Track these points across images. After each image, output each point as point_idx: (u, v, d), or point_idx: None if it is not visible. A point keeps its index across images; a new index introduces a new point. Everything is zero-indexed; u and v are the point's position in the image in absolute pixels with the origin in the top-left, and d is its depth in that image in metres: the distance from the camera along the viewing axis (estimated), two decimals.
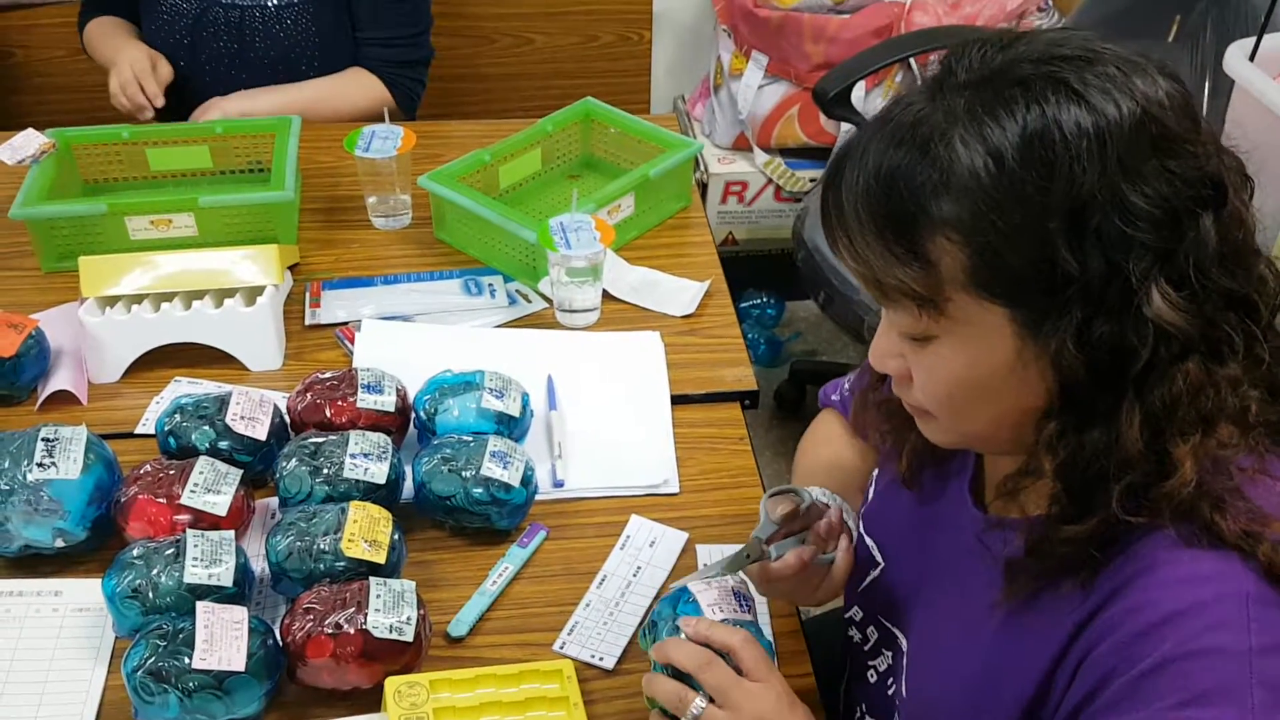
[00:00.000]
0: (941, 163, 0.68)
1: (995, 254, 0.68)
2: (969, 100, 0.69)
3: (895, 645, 0.94)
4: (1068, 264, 0.66)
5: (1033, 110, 0.67)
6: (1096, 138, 0.66)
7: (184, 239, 1.48)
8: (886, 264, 0.71)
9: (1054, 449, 0.72)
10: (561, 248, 1.33)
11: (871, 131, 0.72)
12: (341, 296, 1.45)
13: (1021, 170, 0.66)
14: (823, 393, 1.19)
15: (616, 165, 1.68)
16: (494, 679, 0.98)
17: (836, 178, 0.74)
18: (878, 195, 0.70)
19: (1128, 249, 0.66)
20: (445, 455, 1.11)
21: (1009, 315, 0.70)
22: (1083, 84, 0.67)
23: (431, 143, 1.69)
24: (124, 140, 1.59)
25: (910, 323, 0.74)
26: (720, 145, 2.54)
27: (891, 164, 0.70)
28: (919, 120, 0.70)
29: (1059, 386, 0.71)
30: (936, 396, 0.78)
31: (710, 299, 1.45)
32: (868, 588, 0.98)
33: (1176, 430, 0.69)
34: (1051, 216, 0.66)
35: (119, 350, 1.31)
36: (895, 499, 0.94)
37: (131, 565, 1.00)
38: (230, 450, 1.14)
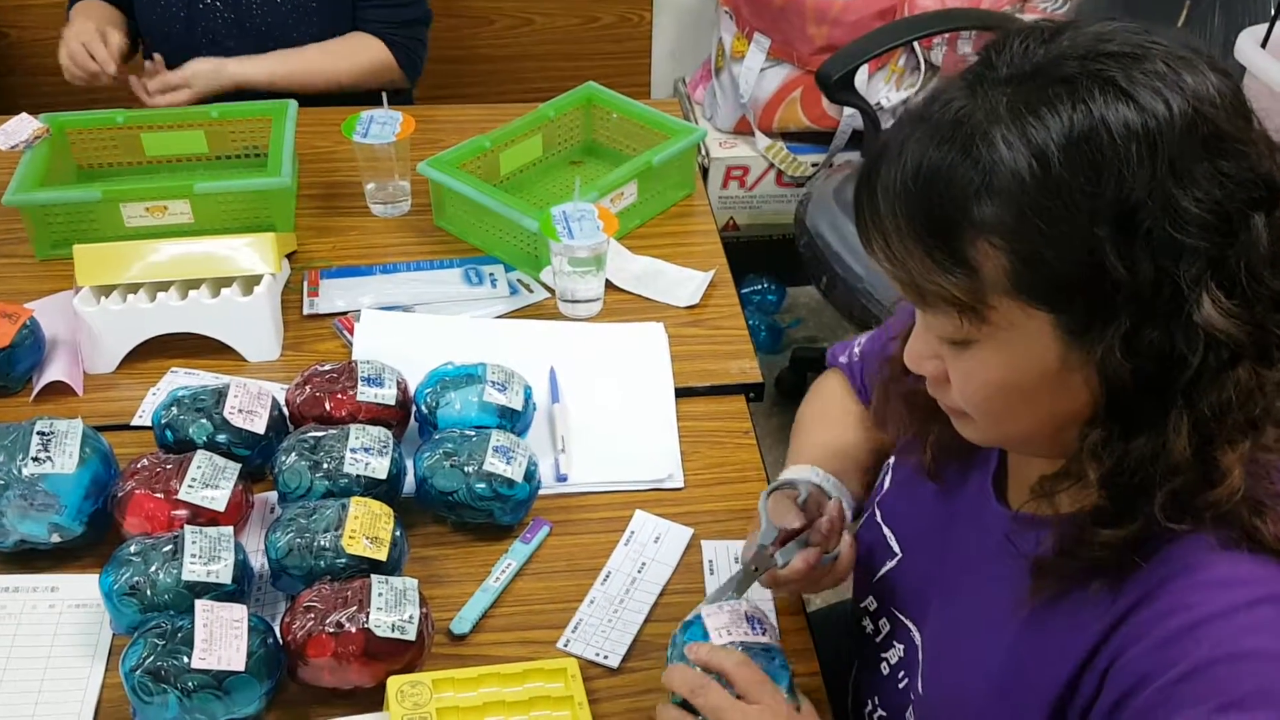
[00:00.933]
0: (984, 164, 0.66)
1: (1040, 259, 0.66)
2: (1011, 98, 0.66)
3: (909, 638, 0.93)
4: (1116, 270, 0.64)
5: (1079, 110, 0.64)
6: (1146, 140, 0.63)
7: (180, 226, 1.46)
8: (926, 269, 0.69)
9: (1099, 457, 0.70)
10: (564, 237, 1.31)
11: (909, 129, 0.70)
12: (340, 286, 1.43)
13: (1068, 173, 0.64)
14: (831, 353, 1.17)
15: (619, 151, 1.66)
16: (498, 678, 0.96)
17: (872, 177, 0.71)
18: (917, 198, 0.68)
19: (1178, 254, 0.64)
20: (447, 450, 1.09)
21: (1053, 321, 0.68)
22: (1131, 82, 0.64)
23: (430, 128, 1.67)
24: (119, 125, 1.57)
25: (949, 328, 0.72)
26: (721, 129, 2.52)
27: (931, 164, 0.67)
28: (960, 118, 0.67)
29: (1104, 392, 0.69)
30: (975, 400, 0.76)
31: (714, 289, 1.43)
32: (883, 578, 0.96)
33: (1225, 437, 0.67)
34: (1099, 221, 0.64)
35: (115, 340, 1.29)
36: (914, 490, 0.93)
37: (129, 562, 0.98)
38: (228, 444, 1.13)
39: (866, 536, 1.00)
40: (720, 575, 1.09)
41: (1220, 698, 0.66)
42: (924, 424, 0.87)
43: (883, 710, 0.97)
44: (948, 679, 0.87)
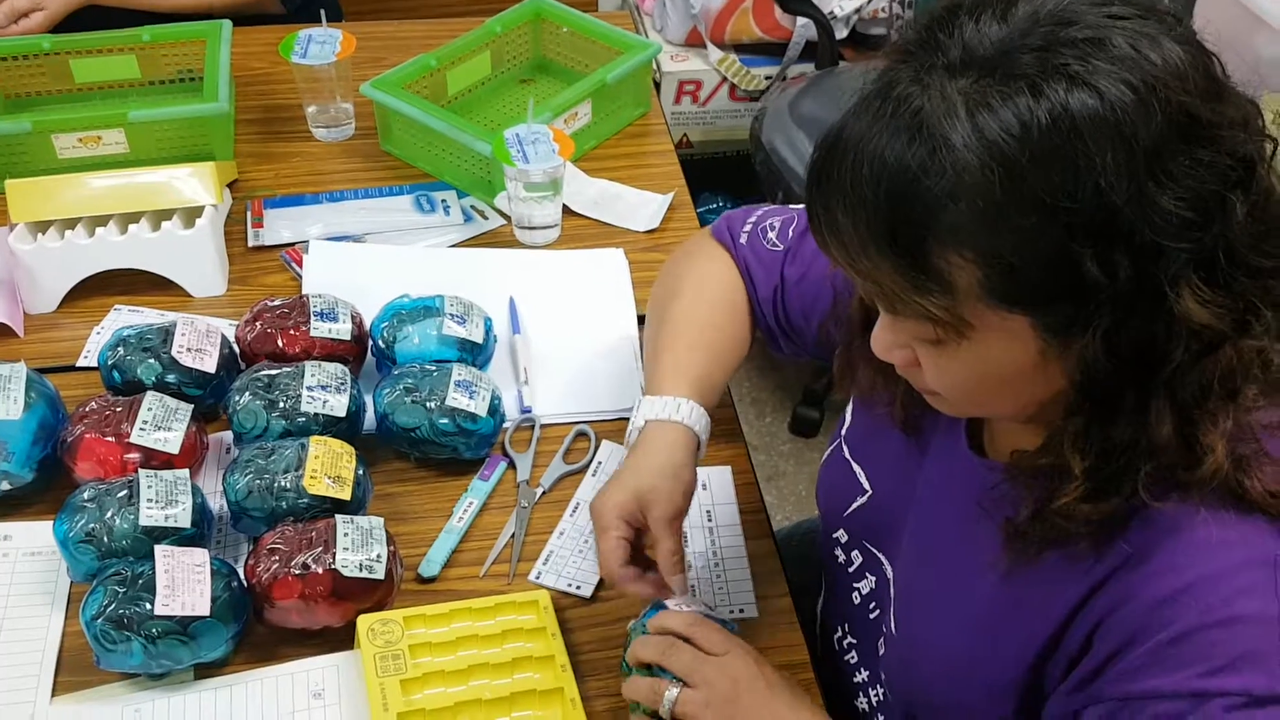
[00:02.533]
0: (948, 172, 0.61)
1: (1016, 271, 0.62)
2: (969, 94, 0.61)
3: (880, 571, 0.93)
4: (1094, 276, 0.61)
5: (1046, 112, 0.60)
6: (1122, 143, 0.59)
7: (115, 156, 1.40)
8: (896, 285, 0.66)
9: (1082, 449, 0.68)
10: (519, 161, 1.27)
11: (860, 124, 0.64)
12: (285, 215, 1.38)
13: (1041, 186, 0.60)
14: (726, 223, 1.07)
15: (570, 69, 1.61)
16: (469, 612, 0.96)
17: (823, 180, 0.67)
18: (879, 209, 0.63)
19: (1158, 254, 0.61)
20: (408, 385, 1.07)
21: (1031, 322, 0.65)
22: (1096, 74, 0.60)
23: (372, 45, 1.61)
24: (46, 51, 1.49)
25: (922, 332, 0.69)
26: (672, 41, 2.46)
27: (892, 172, 0.62)
28: (918, 118, 0.62)
29: (1084, 383, 0.67)
30: (952, 389, 0.74)
31: (674, 211, 1.41)
32: (854, 513, 0.96)
33: (1207, 416, 0.66)
34: (1076, 232, 0.60)
35: (54, 279, 1.25)
36: (883, 428, 0.91)
37: (83, 508, 0.96)
38: (178, 384, 1.09)
39: (833, 471, 0.99)
40: None
41: (1210, 662, 0.67)
42: (890, 380, 0.84)
43: (853, 638, 0.98)
44: (922, 626, 0.87)
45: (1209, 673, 0.67)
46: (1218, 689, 0.66)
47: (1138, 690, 0.69)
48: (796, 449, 2.29)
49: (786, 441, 2.31)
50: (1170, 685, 0.68)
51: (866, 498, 0.95)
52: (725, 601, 1.01)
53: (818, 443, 2.30)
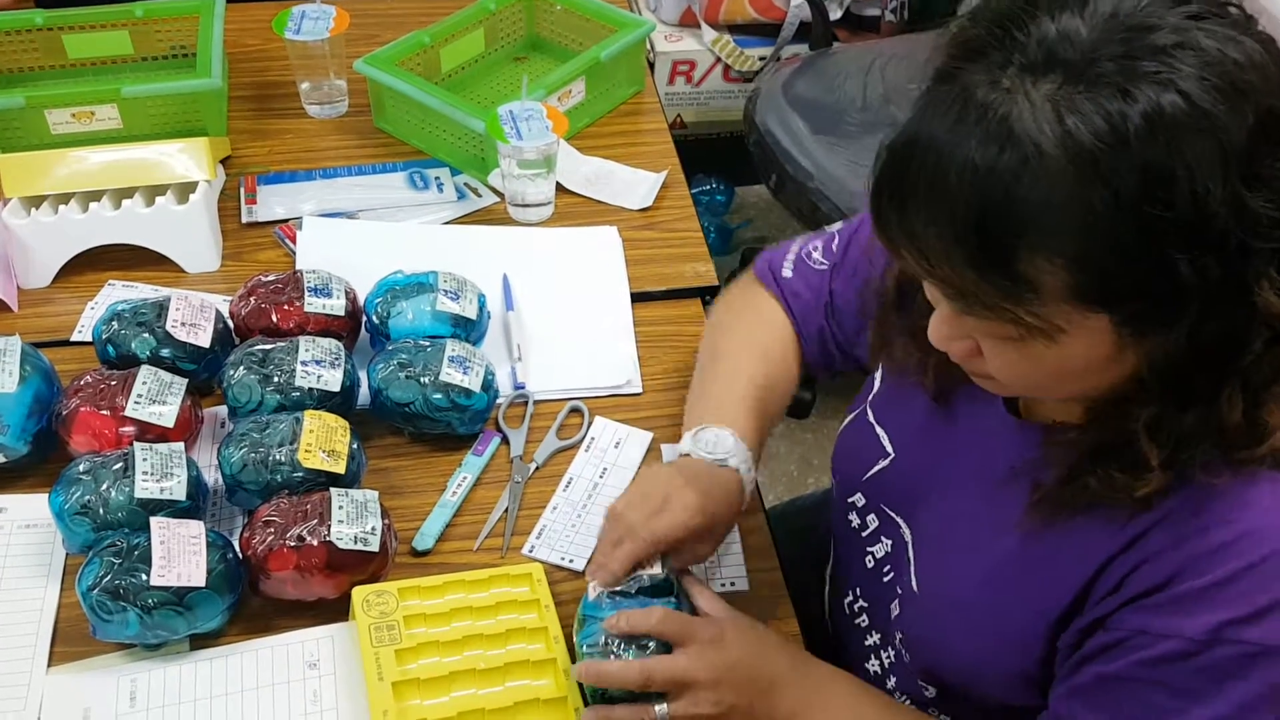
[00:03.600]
0: (1042, 181, 0.60)
1: (1107, 273, 0.62)
2: (1054, 99, 0.60)
3: (897, 534, 0.93)
4: (1186, 277, 0.61)
5: (1141, 116, 0.59)
6: (1218, 153, 0.59)
7: (108, 132, 1.40)
8: (977, 289, 0.65)
9: (1160, 438, 0.69)
10: (512, 138, 1.27)
11: (938, 129, 0.63)
12: (278, 192, 1.38)
13: (1142, 199, 0.59)
14: (765, 263, 1.09)
15: (564, 47, 1.61)
16: (463, 584, 0.97)
17: (900, 184, 0.65)
18: (971, 220, 0.62)
19: (1245, 253, 0.62)
20: (402, 360, 1.08)
21: (1113, 320, 0.65)
22: (1185, 79, 0.59)
23: (366, 22, 1.60)
24: (38, 27, 1.48)
25: (998, 330, 0.68)
26: (666, 21, 2.46)
27: (983, 182, 0.61)
28: (1003, 120, 0.61)
29: (1160, 373, 0.67)
30: (1015, 379, 0.73)
31: (667, 190, 1.41)
32: (874, 477, 0.96)
33: (1271, 399, 0.67)
34: (1172, 239, 0.60)
35: (48, 253, 1.25)
36: (909, 391, 0.91)
37: (79, 480, 0.96)
38: (173, 358, 1.10)
39: (855, 435, 0.99)
40: None
41: (1237, 609, 0.69)
42: (926, 354, 0.83)
43: (864, 601, 0.99)
44: (943, 580, 0.88)
45: (1232, 622, 0.68)
46: (1235, 637, 0.69)
47: (1157, 627, 0.71)
48: (788, 430, 2.30)
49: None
50: (1190, 628, 0.69)
51: (889, 461, 0.95)
52: (717, 575, 1.02)
53: (810, 424, 2.30)
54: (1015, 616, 0.81)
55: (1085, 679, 0.76)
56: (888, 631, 0.95)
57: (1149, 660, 0.72)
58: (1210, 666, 0.70)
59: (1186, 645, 0.70)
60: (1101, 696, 0.75)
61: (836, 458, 1.03)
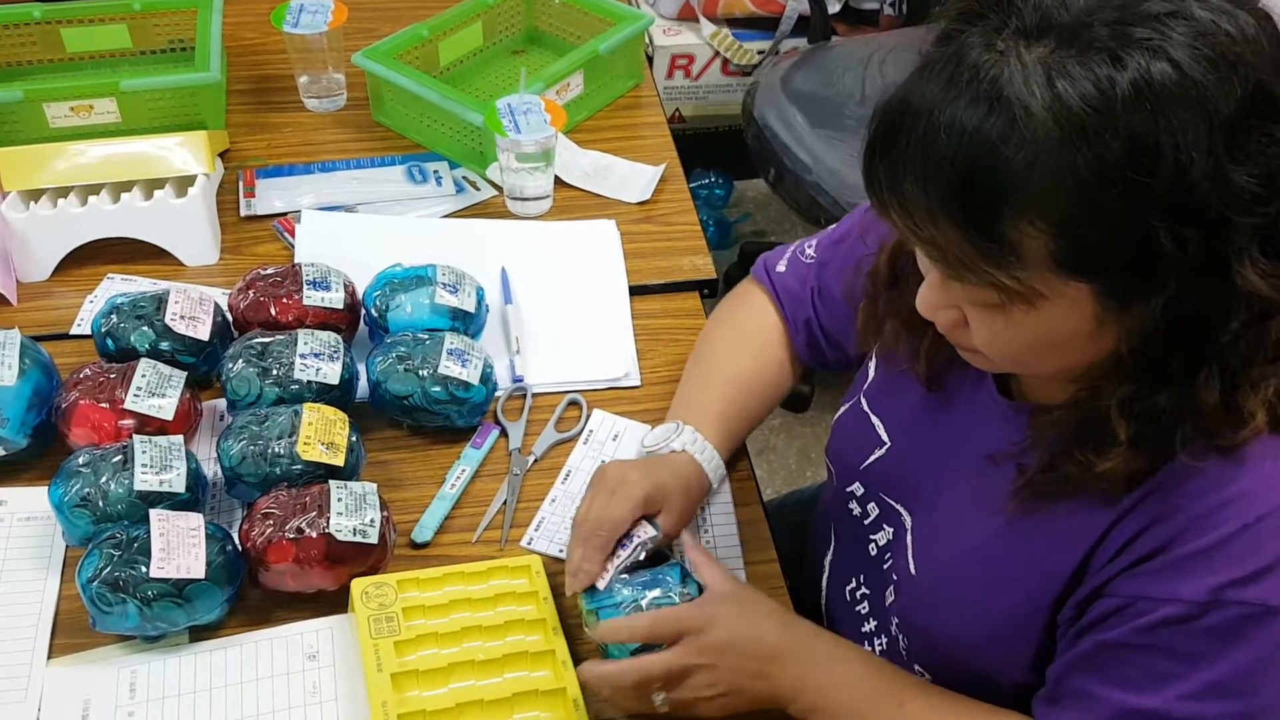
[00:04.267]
0: (1028, 144, 0.60)
1: (1088, 240, 0.62)
2: (1046, 62, 0.61)
3: (899, 522, 0.94)
4: (1166, 248, 0.62)
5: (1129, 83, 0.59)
6: (1205, 123, 0.59)
7: (106, 126, 1.40)
8: (962, 251, 0.65)
9: (1130, 414, 0.69)
10: (510, 132, 1.27)
11: (930, 91, 0.63)
12: (277, 185, 1.38)
13: (1126, 165, 0.60)
14: (762, 264, 1.12)
15: (563, 40, 1.61)
16: (462, 576, 0.97)
17: (891, 146, 0.65)
18: (958, 180, 0.62)
19: (1226, 228, 0.62)
20: (400, 354, 1.08)
21: (1093, 290, 0.65)
22: (1178, 49, 0.60)
23: (364, 15, 1.60)
24: (36, 20, 1.48)
25: (979, 296, 0.69)
26: (665, 15, 2.46)
27: (970, 143, 0.61)
28: (993, 81, 0.61)
29: (1137, 348, 0.68)
30: (1001, 351, 0.74)
31: (665, 184, 1.41)
32: (872, 465, 0.96)
33: (1250, 382, 0.68)
34: (1154, 208, 0.61)
35: (47, 247, 1.25)
36: (903, 380, 0.92)
37: (78, 473, 0.97)
38: (172, 351, 1.10)
39: (850, 425, 1.00)
40: None
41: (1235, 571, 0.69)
42: (916, 337, 0.84)
43: (866, 589, 0.99)
44: (939, 561, 0.88)
45: (1229, 584, 0.69)
46: (1233, 599, 0.69)
47: (1153, 592, 0.71)
48: (786, 423, 2.31)
49: (777, 416, 2.33)
50: (1188, 591, 0.70)
51: (885, 450, 0.95)
52: None
53: (808, 417, 2.31)
54: (1009, 595, 0.81)
55: (1086, 647, 0.76)
56: (883, 619, 0.96)
57: (1149, 625, 0.72)
58: (1210, 629, 0.70)
59: (1185, 609, 0.70)
60: (1103, 664, 0.75)
61: (832, 448, 1.04)
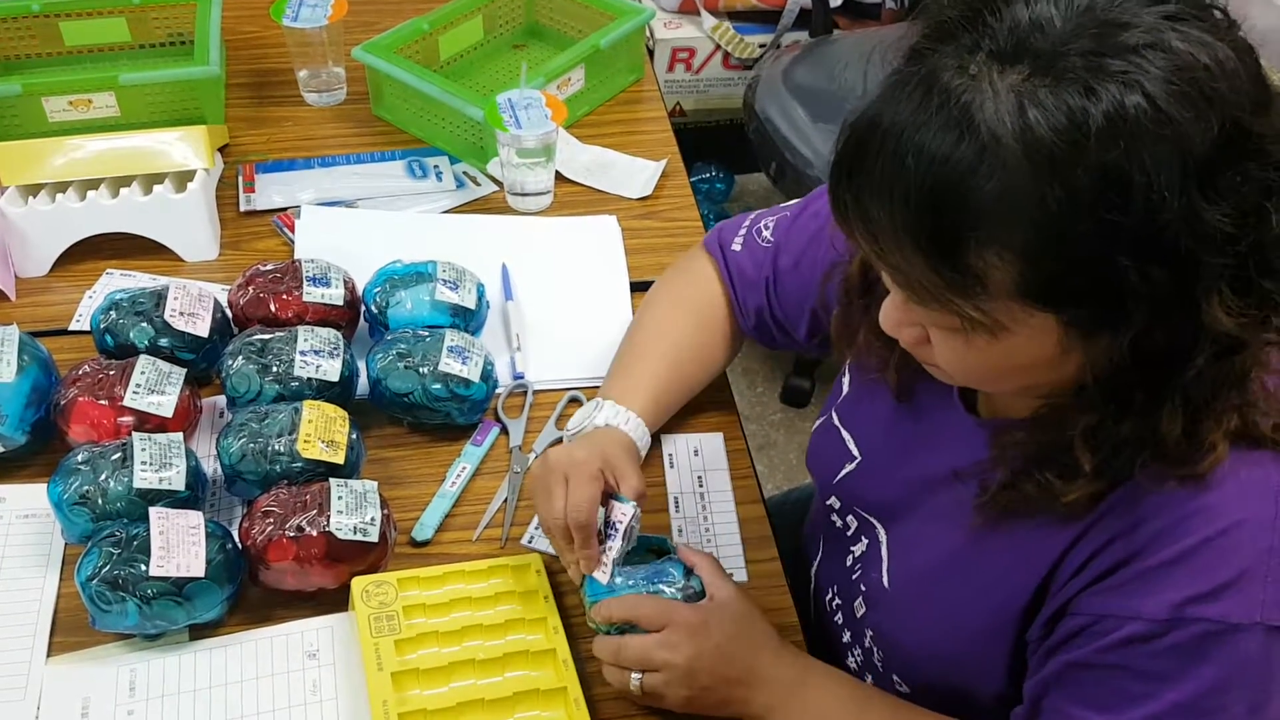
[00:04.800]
0: (997, 174, 0.59)
1: (1054, 272, 0.61)
2: (1019, 90, 0.59)
3: (873, 534, 0.94)
4: (1133, 284, 0.60)
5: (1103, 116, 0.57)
6: (1179, 161, 0.58)
7: (105, 120, 1.39)
8: (926, 279, 0.64)
9: (1094, 446, 0.69)
10: (511, 127, 1.27)
11: (900, 113, 0.62)
12: (277, 180, 1.38)
13: (1097, 201, 0.58)
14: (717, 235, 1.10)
15: (563, 34, 1.60)
16: (463, 575, 0.97)
17: (855, 170, 0.64)
18: (924, 208, 0.61)
19: (1196, 264, 0.61)
20: (400, 351, 1.07)
21: (1058, 320, 0.64)
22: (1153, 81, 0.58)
23: (364, 9, 1.60)
24: (34, 14, 1.47)
25: (942, 320, 0.68)
26: (666, 8, 2.45)
27: (938, 170, 0.60)
28: (964, 109, 0.59)
29: (1099, 378, 0.67)
30: (962, 372, 0.73)
31: (666, 179, 1.41)
32: (844, 479, 0.97)
33: (1215, 416, 0.67)
34: (1123, 244, 0.59)
35: (46, 242, 1.24)
36: (873, 394, 0.92)
37: (77, 471, 0.96)
38: (171, 348, 1.10)
39: (822, 440, 1.00)
40: (679, 469, 1.09)
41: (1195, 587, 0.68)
42: (887, 346, 0.84)
43: (839, 599, 1.00)
44: (911, 575, 0.88)
45: (1190, 600, 0.68)
46: (1195, 615, 0.68)
47: (1116, 609, 0.71)
48: (788, 419, 2.30)
49: (777, 411, 2.32)
50: (1149, 608, 0.69)
51: (855, 464, 0.96)
52: None
53: (809, 413, 2.31)
54: (977, 609, 0.81)
55: (1056, 667, 0.75)
56: (858, 630, 0.96)
57: (1113, 644, 0.71)
58: (1174, 647, 0.69)
59: (1148, 627, 0.70)
60: (1074, 683, 0.74)
61: (809, 461, 1.04)
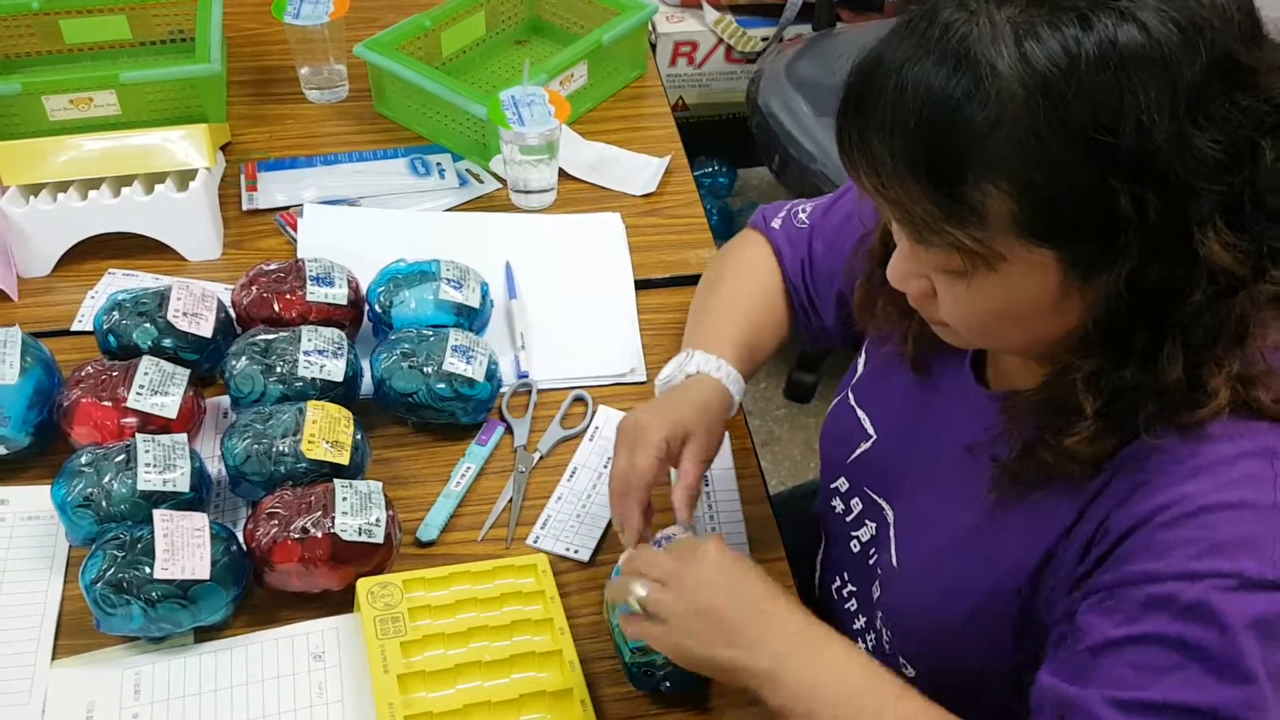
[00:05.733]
0: (993, 105, 0.61)
1: (1050, 203, 0.63)
2: (1017, 24, 0.61)
3: (881, 517, 0.94)
4: (1127, 213, 0.62)
5: (1096, 48, 0.60)
6: (1168, 84, 0.60)
7: (106, 119, 1.38)
8: (927, 213, 0.66)
9: (1095, 390, 0.70)
10: (514, 124, 1.26)
11: (901, 50, 0.64)
12: (279, 178, 1.37)
13: (1087, 123, 0.60)
14: (762, 214, 1.12)
15: (565, 30, 1.60)
16: (468, 576, 0.97)
17: (861, 104, 0.66)
18: (920, 137, 0.63)
19: (1188, 194, 0.62)
20: (405, 350, 1.07)
21: (1057, 257, 0.66)
22: (1147, 10, 0.60)
23: (366, 5, 1.59)
24: (34, 11, 1.47)
25: (945, 261, 0.69)
26: (668, 2, 2.44)
27: (935, 101, 0.62)
28: (963, 46, 0.62)
29: (1101, 321, 0.68)
30: (965, 321, 0.74)
31: (670, 175, 1.40)
32: (857, 460, 0.97)
33: (1214, 359, 0.68)
34: (1115, 169, 0.61)
35: (48, 242, 1.24)
36: (890, 373, 0.92)
37: (81, 473, 0.96)
38: (175, 348, 1.09)
39: (838, 420, 1.00)
40: None
41: (1204, 544, 0.68)
42: (906, 316, 0.85)
43: (852, 586, 0.99)
44: (919, 553, 0.88)
45: (1201, 554, 0.68)
46: (1209, 569, 0.67)
47: (1130, 574, 0.70)
48: (791, 414, 2.30)
49: (781, 407, 2.32)
50: (1163, 567, 0.69)
51: (871, 443, 0.96)
52: None
53: (812, 408, 2.30)
54: (983, 585, 0.81)
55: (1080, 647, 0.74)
56: (870, 615, 0.96)
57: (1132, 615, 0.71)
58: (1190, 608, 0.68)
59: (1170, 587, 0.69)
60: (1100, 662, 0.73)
61: (822, 443, 1.04)
